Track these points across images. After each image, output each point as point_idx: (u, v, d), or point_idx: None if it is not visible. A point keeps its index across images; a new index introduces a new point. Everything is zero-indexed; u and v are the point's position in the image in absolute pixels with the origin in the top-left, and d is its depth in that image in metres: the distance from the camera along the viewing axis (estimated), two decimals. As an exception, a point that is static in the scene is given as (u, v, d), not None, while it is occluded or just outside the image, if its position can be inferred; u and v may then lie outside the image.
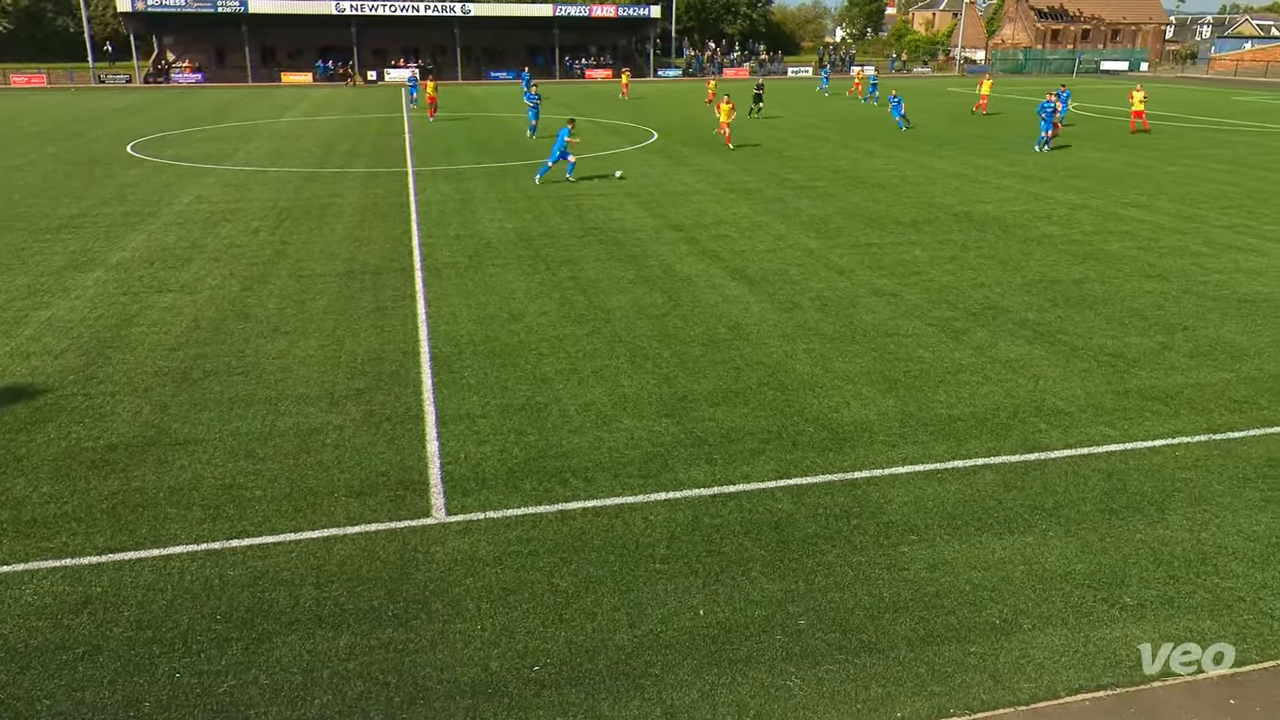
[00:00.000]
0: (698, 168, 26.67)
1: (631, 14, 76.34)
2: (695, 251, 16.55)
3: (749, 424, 9.37)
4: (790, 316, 12.82)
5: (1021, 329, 12.30)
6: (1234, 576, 6.87)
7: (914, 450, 8.81)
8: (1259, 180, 24.24)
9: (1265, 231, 18.14)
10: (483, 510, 7.79)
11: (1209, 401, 9.94)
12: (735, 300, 13.58)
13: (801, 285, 14.38)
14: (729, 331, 12.18)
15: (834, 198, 21.84)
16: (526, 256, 16.19)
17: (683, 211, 20.14)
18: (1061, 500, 7.92)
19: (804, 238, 17.64)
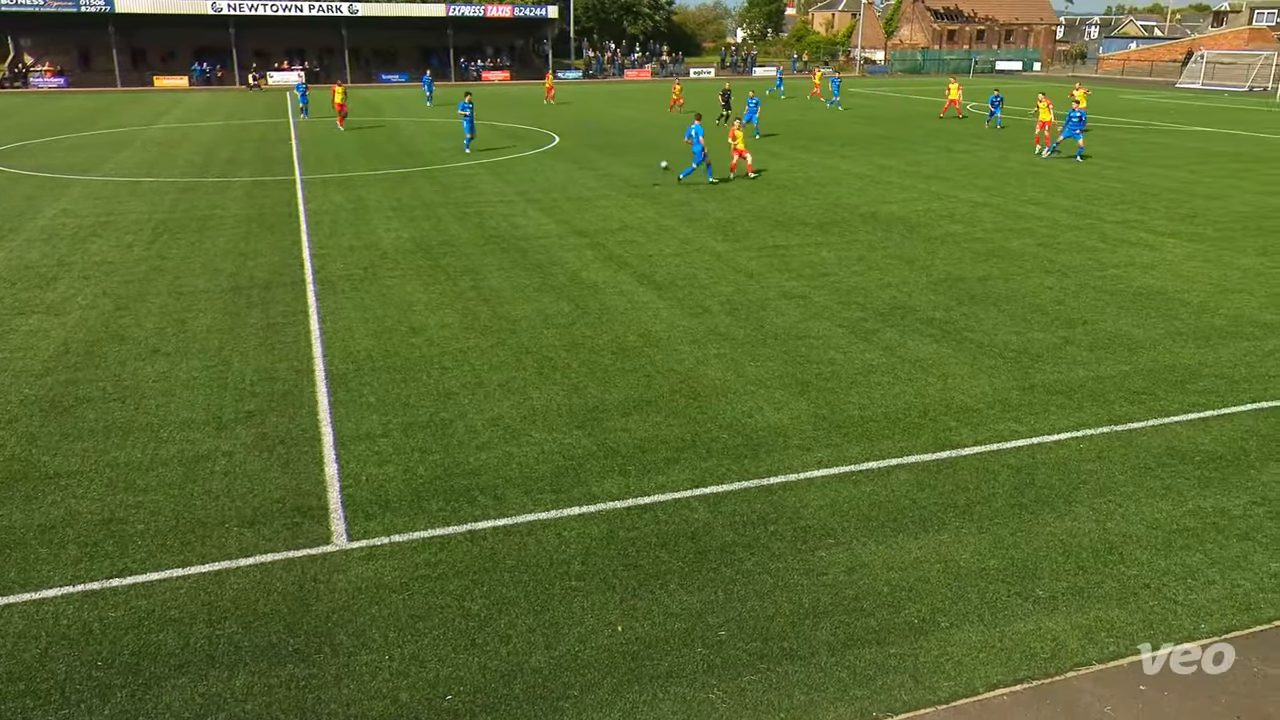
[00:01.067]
0: (602, 172, 26.74)
1: (528, 14, 76.19)
2: (601, 257, 16.57)
3: (662, 433, 9.42)
4: (700, 321, 12.95)
5: (929, 328, 12.70)
6: (1139, 564, 7.21)
7: (828, 453, 9.00)
8: (1149, 177, 25.61)
9: (1156, 226, 19.17)
10: (387, 534, 7.63)
11: (1109, 393, 10.43)
12: (644, 306, 13.65)
13: (711, 289, 14.54)
14: (639, 339, 12.23)
15: (740, 200, 22.17)
16: (426, 267, 15.95)
17: (587, 217, 20.16)
18: (973, 497, 8.20)
19: (711, 241, 17.86)
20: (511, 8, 75.34)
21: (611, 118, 43.89)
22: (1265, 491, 8.28)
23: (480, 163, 28.23)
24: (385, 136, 35.54)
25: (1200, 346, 11.97)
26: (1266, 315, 13.24)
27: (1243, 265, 15.99)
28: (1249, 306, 13.65)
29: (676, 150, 29.77)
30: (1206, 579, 7.03)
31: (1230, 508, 8.01)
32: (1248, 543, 7.49)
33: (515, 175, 25.91)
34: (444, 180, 25.12)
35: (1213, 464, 8.79)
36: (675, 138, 34.53)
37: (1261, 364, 11.34)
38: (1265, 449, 9.10)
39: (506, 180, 25.04)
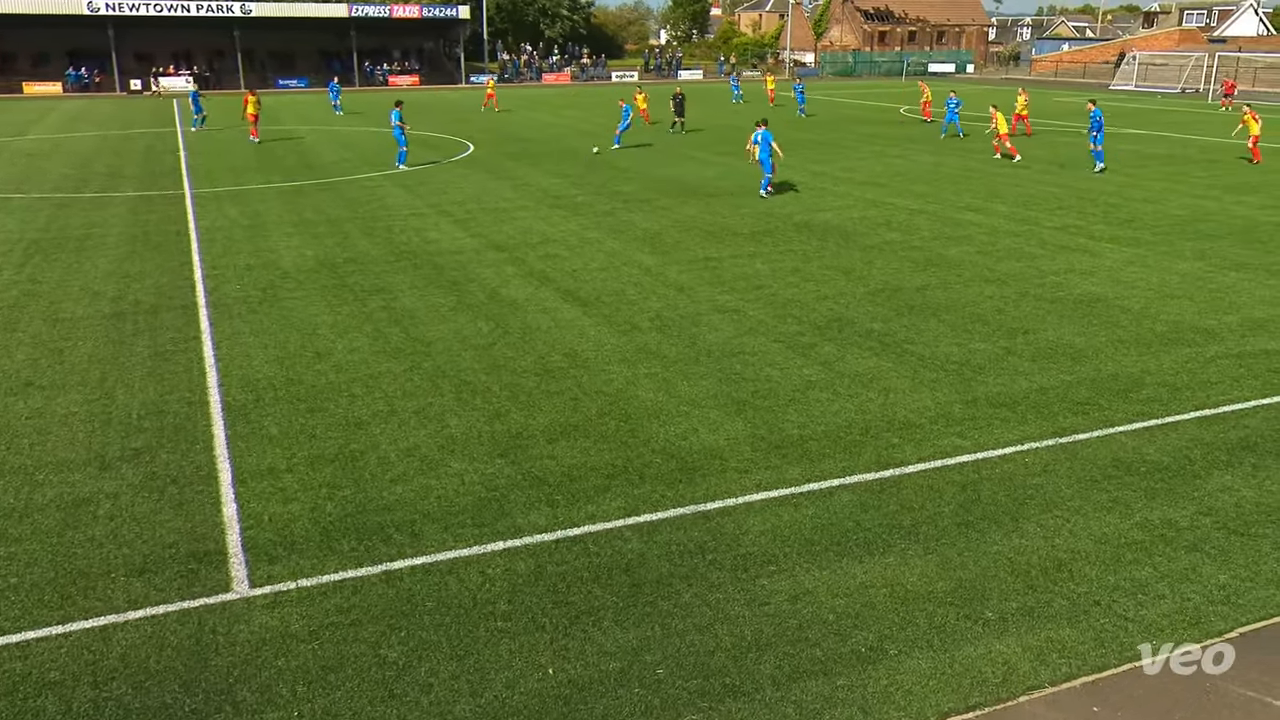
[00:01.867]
0: (520, 181, 26.72)
1: (438, 15, 75.90)
2: (522, 273, 16.53)
3: (591, 459, 9.40)
4: (630, 339, 12.98)
5: (868, 340, 12.94)
6: (1088, 581, 7.42)
7: (767, 475, 9.08)
8: (1086, 180, 26.57)
9: (1095, 232, 19.88)
10: (293, 579, 7.45)
11: (1053, 405, 10.75)
12: (569, 324, 13.64)
13: (640, 305, 14.60)
14: (564, 359, 12.21)
15: (668, 210, 22.35)
16: (331, 286, 15.71)
17: (506, 230, 20.10)
18: (919, 517, 8.35)
19: (640, 254, 17.95)
20: (420, 8, 74.99)
21: (529, 124, 43.92)
22: (1211, 501, 8.60)
23: (387, 174, 27.96)
24: (285, 147, 34.98)
25: (1142, 354, 12.42)
26: (1206, 321, 13.81)
27: (1181, 270, 16.67)
28: (1189, 312, 14.22)
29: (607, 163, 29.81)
30: (1156, 593, 7.27)
31: (1177, 519, 8.30)
32: (1196, 554, 7.76)
33: (427, 187, 25.73)
34: (349, 193, 24.80)
35: (1159, 474, 9.11)
36: (594, 142, 34.70)
37: (1203, 371, 11.82)
38: (1210, 458, 9.47)
39: (417, 192, 24.84)
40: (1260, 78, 68.53)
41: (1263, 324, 13.64)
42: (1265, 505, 8.53)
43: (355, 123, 44.65)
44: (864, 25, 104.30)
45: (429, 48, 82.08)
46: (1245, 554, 7.76)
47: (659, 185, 25.99)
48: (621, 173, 28.40)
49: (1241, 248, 18.38)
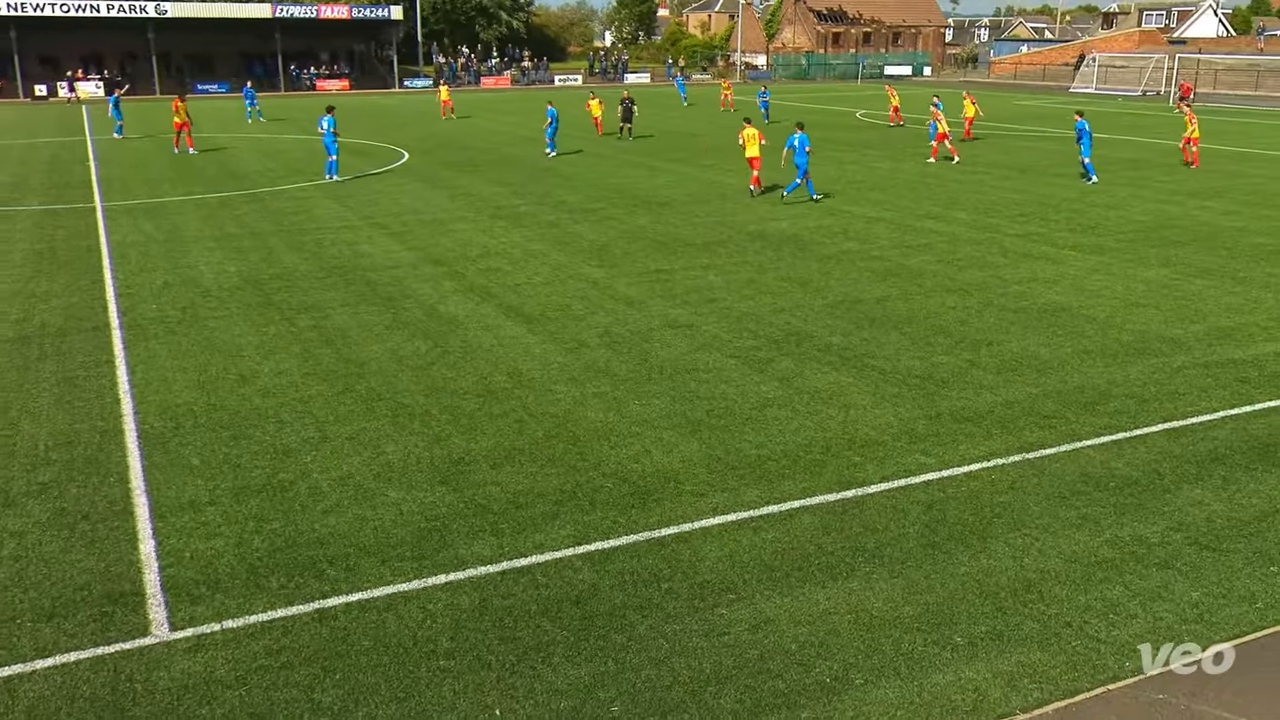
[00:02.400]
0: (458, 191, 26.63)
1: (368, 15, 75.56)
2: (462, 288, 16.46)
3: (538, 484, 9.36)
4: (577, 357, 12.97)
5: (828, 355, 13.06)
6: (1059, 602, 7.53)
7: (724, 498, 9.10)
8: (1048, 186, 27.14)
9: (1058, 239, 20.29)
10: (218, 620, 7.31)
11: (1019, 419, 10.93)
12: (513, 342, 13.60)
13: (587, 321, 14.60)
14: (508, 379, 12.16)
15: (616, 220, 22.41)
16: (256, 304, 15.50)
17: (444, 243, 20.01)
18: (883, 538, 8.42)
19: (586, 267, 17.96)
20: (349, 8, 74.59)
21: (468, 131, 43.84)
22: (1181, 516, 8.79)
23: (316, 184, 27.70)
24: (205, 156, 34.52)
25: (1109, 365, 12.68)
26: (1173, 330, 14.14)
27: (1147, 278, 17.07)
28: (1155, 321, 14.56)
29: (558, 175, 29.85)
30: (1128, 613, 7.40)
31: (1148, 535, 8.47)
32: (1167, 571, 7.92)
33: (359, 198, 25.54)
34: (275, 205, 24.53)
35: (1128, 489, 9.29)
36: (536, 149, 34.72)
37: (1170, 381, 12.09)
38: (1179, 471, 9.67)
39: (348, 204, 24.65)
40: (1221, 80, 70.62)
41: (1229, 333, 14.00)
42: (1236, 519, 8.73)
43: (281, 130, 44.24)
44: (817, 26, 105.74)
45: (359, 50, 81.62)
46: (1217, 570, 7.93)
47: (606, 194, 26.06)
48: (566, 181, 28.44)
49: (1206, 254, 18.87)
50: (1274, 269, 17.67)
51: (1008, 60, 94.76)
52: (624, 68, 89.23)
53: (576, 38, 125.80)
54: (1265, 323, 14.45)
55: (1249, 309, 15.15)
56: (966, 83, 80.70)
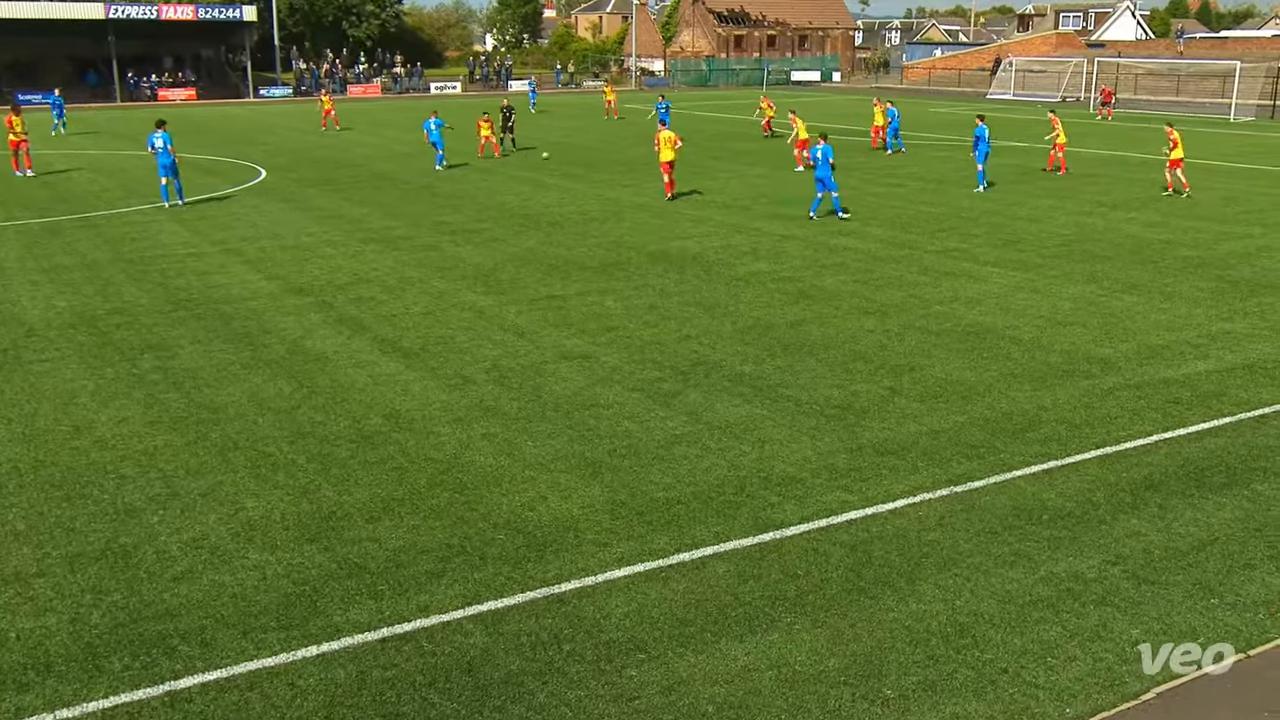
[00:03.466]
0: (324, 212, 26.28)
1: (217, 16, 74.30)
2: (331, 320, 16.21)
3: (422, 539, 9.23)
4: (462, 395, 12.88)
5: (739, 385, 13.20)
6: (994, 646, 7.71)
7: (630, 547, 9.10)
8: (967, 199, 28.03)
9: (979, 255, 20.94)
10: (50, 709, 7.01)
11: (945, 450, 11.19)
12: (389, 380, 13.44)
13: (473, 354, 14.51)
14: (384, 421, 12.00)
15: (503, 242, 22.38)
16: (92, 344, 15.01)
17: (309, 270, 19.71)
18: (805, 585, 8.51)
19: (471, 294, 17.88)
20: (194, 8, 73.23)
21: (334, 145, 43.37)
22: (1118, 549, 9.09)
23: (161, 207, 27.02)
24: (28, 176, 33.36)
25: (1037, 389, 13.10)
26: (1102, 349, 14.69)
27: (1072, 294, 17.72)
28: (1083, 340, 15.11)
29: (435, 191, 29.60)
30: (1067, 655, 7.61)
31: (1084, 570, 8.74)
32: (1106, 609, 8.18)
33: (210, 221, 25.01)
34: (111, 231, 23.85)
35: (1061, 522, 9.58)
36: (414, 164, 34.48)
37: (1102, 404, 12.54)
38: (1114, 500, 10.02)
39: (197, 228, 24.11)
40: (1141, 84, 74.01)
41: (1159, 351, 14.61)
42: (1174, 549, 9.07)
43: (117, 146, 43.10)
44: (718, 29, 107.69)
45: (208, 56, 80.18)
46: (1157, 605, 8.21)
47: (491, 213, 26.02)
48: (446, 200, 28.31)
49: (1133, 268, 19.69)
50: (1202, 283, 18.52)
51: (921, 65, 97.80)
52: (508, 74, 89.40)
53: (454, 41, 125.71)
54: (1196, 340, 15.11)
55: (1179, 325, 15.84)
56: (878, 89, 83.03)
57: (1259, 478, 10.51)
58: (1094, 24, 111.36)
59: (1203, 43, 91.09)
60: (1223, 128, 51.11)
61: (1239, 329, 15.64)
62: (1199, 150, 39.99)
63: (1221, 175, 33.18)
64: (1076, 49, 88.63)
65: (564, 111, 60.52)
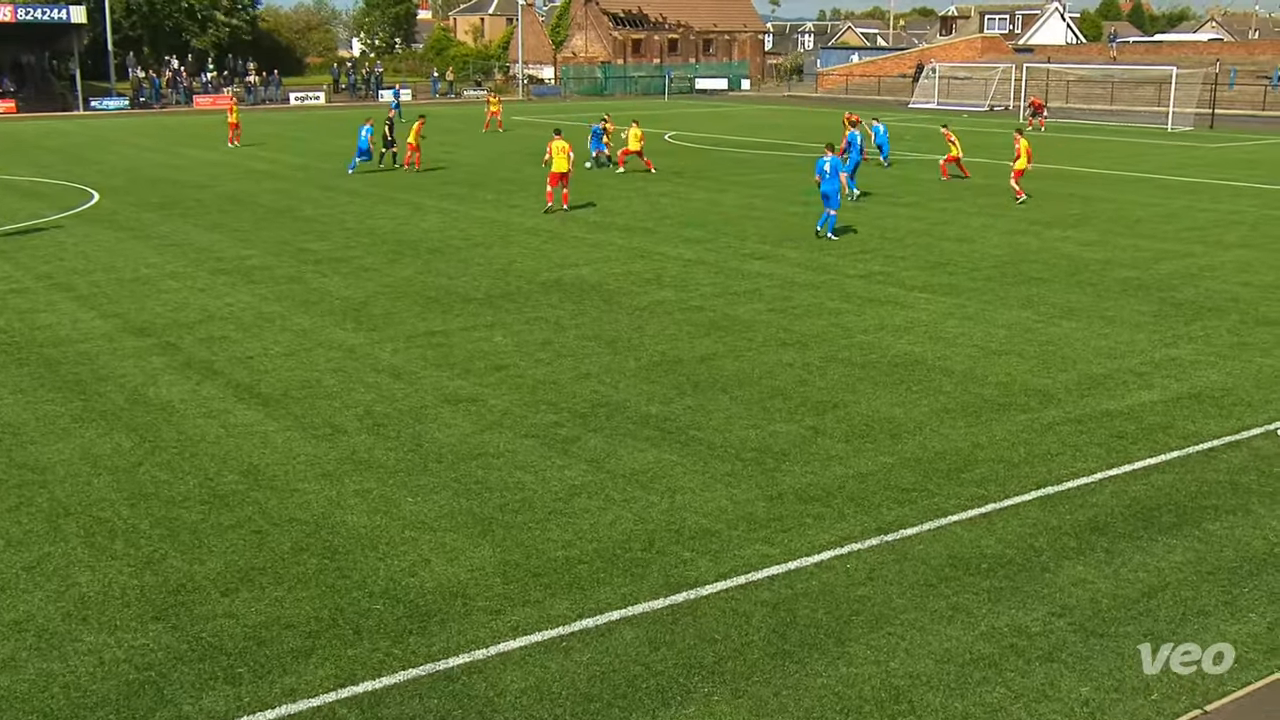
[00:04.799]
0: (167, 240, 25.80)
1: (39, 18, 72.53)
2: (177, 365, 15.89)
3: (286, 613, 9.06)
4: (331, 446, 12.71)
5: (645, 428, 13.24)
6: (932, 711, 7.81)
7: (527, 614, 9.03)
8: (890, 218, 28.63)
9: (905, 279, 21.39)
10: None
11: (874, 495, 11.35)
12: (246, 431, 13.21)
13: (343, 399, 14.34)
14: (241, 478, 11.79)
15: (376, 272, 22.19)
16: (-108, 397, 14.48)
17: (152, 307, 19.30)
18: (723, 650, 8.53)
19: (339, 331, 17.67)
20: (13, 8, 71.47)
21: (178, 164, 42.65)
22: (1064, 599, 9.30)
23: (-25, 235, 26.24)
24: None
25: (971, 425, 13.38)
26: (1040, 380, 15.08)
27: (1007, 321, 18.18)
28: (1020, 371, 15.49)
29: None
30: (1012, 718, 7.73)
31: (1028, 624, 8.91)
32: (1052, 665, 8.34)
33: (33, 253, 24.36)
34: (-84, 264, 23.06)
35: (1002, 570, 9.77)
36: (271, 185, 34.04)
37: (1041, 440, 12.86)
38: (1058, 545, 10.26)
39: (18, 260, 23.47)
40: (1073, 92, 76.66)
41: (1100, 381, 15.05)
42: (1123, 597, 9.31)
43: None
44: (613, 32, 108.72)
45: (29, 62, 78.23)
46: (1107, 659, 8.41)
47: (361, 239, 25.81)
48: (309, 224, 28.01)
49: (1070, 291, 20.29)
50: (1143, 306, 19.16)
51: (838, 71, 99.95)
52: (378, 82, 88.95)
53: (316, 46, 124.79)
54: (1139, 368, 15.61)
55: (1121, 352, 16.34)
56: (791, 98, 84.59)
57: (1210, 516, 10.86)
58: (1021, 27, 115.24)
59: (1136, 47, 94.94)
60: (1160, 138, 53.14)
61: (1184, 355, 16.20)
62: (1137, 163, 41.52)
63: (1161, 189, 34.47)
64: (1003, 54, 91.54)
65: (441, 124, 60.37)
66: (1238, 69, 74.90)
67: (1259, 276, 21.50)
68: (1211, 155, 45.02)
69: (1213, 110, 60.10)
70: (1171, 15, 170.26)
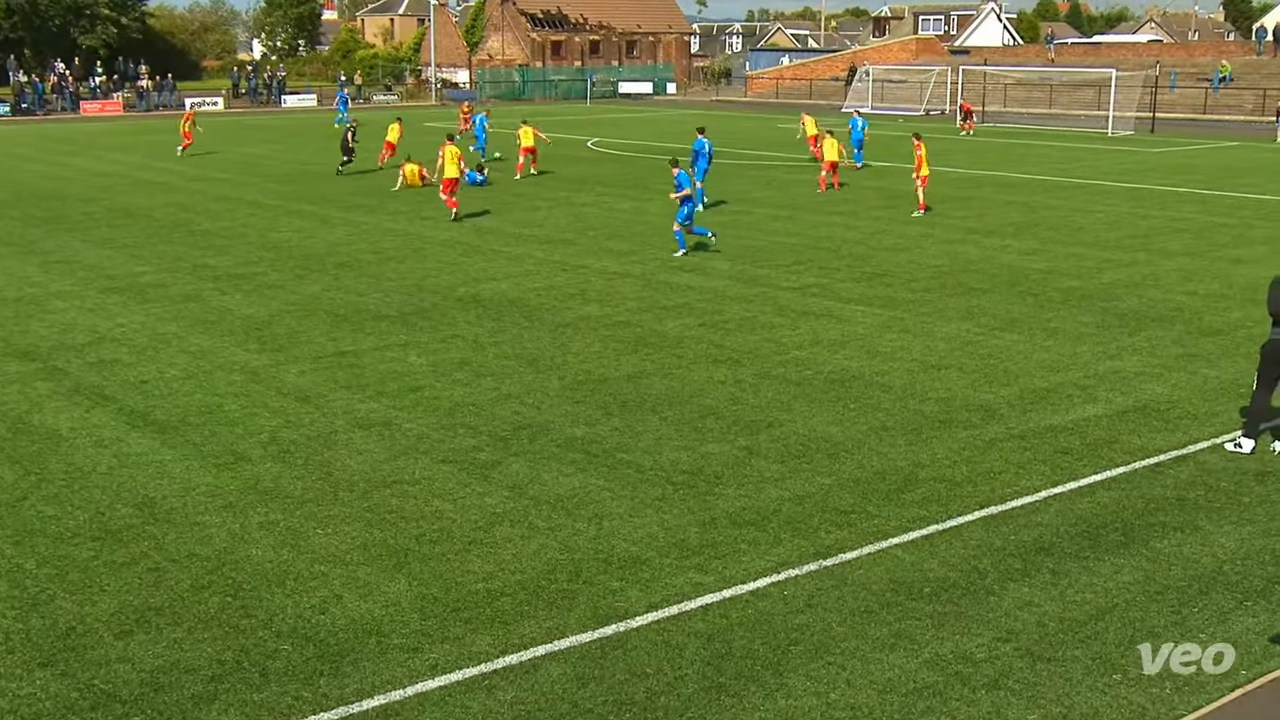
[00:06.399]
0: (53, 256, 25.37)
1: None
2: (64, 390, 15.63)
3: (186, 656, 8.93)
4: (234, 476, 12.56)
5: (570, 451, 13.22)
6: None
7: (446, 651, 8.97)
8: (823, 227, 28.91)
9: (841, 292, 21.60)
10: None
11: (812, 518, 11.43)
12: (141, 461, 13.03)
13: (245, 426, 14.18)
14: (136, 512, 11.62)
15: (281, 289, 21.97)
16: None
17: (35, 329, 18.96)
18: (655, 685, 8.52)
19: (241, 353, 17.48)
20: None
21: (64, 174, 41.94)
22: (1009, 623, 9.42)
23: None
24: None
25: (912, 442, 13.53)
26: (982, 395, 15.29)
27: (946, 334, 18.43)
28: (960, 385, 15.70)
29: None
30: (958, 750, 7.81)
31: (973, 650, 9.01)
32: (999, 693, 8.44)
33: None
34: None
35: (945, 595, 9.87)
36: (166, 198, 33.62)
37: (983, 458, 13.03)
38: (1002, 567, 10.39)
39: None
40: (1011, 96, 77.97)
41: (1044, 395, 15.29)
42: (1071, 620, 9.45)
43: None
44: (531, 33, 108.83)
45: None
46: (1055, 684, 8.52)
47: (264, 254, 25.57)
48: (208, 239, 27.69)
49: (1012, 301, 20.62)
50: (1086, 316, 19.52)
51: (768, 75, 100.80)
52: (281, 87, 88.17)
53: (213, 48, 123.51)
54: (1083, 381, 15.89)
55: (1064, 365, 16.63)
56: (719, 102, 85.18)
57: (1157, 534, 11.07)
58: (956, 28, 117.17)
59: (1075, 49, 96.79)
60: (1101, 142, 54.24)
61: (1128, 367, 16.52)
62: (1078, 169, 42.31)
63: (1103, 195, 35.16)
64: (939, 56, 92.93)
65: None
66: (1178, 71, 76.63)
67: (1203, 285, 21.99)
68: (1153, 160, 46.03)
69: (1154, 114, 61.42)
70: (1110, 16, 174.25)
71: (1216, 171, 41.12)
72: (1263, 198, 34.26)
